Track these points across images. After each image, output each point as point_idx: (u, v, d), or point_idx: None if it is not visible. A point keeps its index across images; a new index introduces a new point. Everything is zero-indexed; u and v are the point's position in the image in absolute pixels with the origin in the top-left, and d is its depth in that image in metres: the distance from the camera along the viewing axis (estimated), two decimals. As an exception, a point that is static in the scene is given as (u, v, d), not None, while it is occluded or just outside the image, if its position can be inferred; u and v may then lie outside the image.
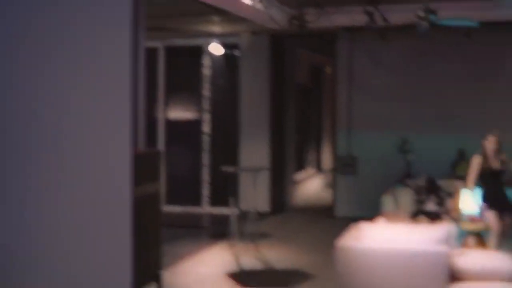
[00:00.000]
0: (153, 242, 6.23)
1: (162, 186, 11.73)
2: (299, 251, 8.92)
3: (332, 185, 12.01)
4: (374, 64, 11.38)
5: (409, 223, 8.22)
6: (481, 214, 7.84)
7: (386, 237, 5.89)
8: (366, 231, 6.04)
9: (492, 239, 7.60)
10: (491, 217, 7.61)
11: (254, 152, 11.75)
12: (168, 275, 7.28)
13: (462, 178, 10.35)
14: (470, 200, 9.24)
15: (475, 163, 7.67)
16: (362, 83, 11.44)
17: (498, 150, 7.65)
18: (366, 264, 5.74)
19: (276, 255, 8.54)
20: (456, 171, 10.75)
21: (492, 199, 7.64)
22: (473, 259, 5.82)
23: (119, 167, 3.26)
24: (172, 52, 12.45)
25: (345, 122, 11.57)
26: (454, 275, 5.72)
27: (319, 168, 16.54)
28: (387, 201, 9.35)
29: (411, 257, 5.67)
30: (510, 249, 7.12)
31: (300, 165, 14.70)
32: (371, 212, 8.86)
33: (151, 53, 11.81)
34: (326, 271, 6.89)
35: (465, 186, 9.48)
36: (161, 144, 12.36)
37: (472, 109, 10.81)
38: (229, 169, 8.85)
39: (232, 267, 7.95)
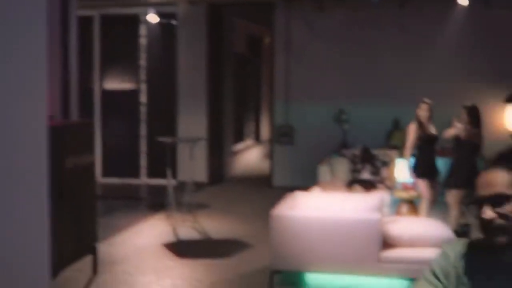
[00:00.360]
0: (88, 214, 6.15)
1: (98, 158, 11.65)
2: (237, 221, 8.97)
3: (270, 155, 12.07)
4: (311, 34, 11.42)
5: (344, 192, 8.37)
6: (414, 182, 8.02)
7: (320, 206, 5.97)
8: (301, 200, 6.11)
9: (423, 206, 7.79)
10: (423, 185, 7.79)
11: (192, 122, 11.70)
12: (105, 247, 7.22)
13: (397, 147, 10.58)
14: (404, 169, 9.44)
15: (411, 130, 7.81)
16: (299, 53, 11.47)
17: (431, 117, 7.81)
18: (301, 232, 5.81)
19: (213, 226, 8.56)
20: (391, 140, 10.95)
21: (424, 167, 7.80)
22: (405, 226, 5.97)
23: (34, 138, 3.16)
24: (108, 21, 12.21)
25: (283, 93, 11.60)
26: (387, 242, 5.85)
27: (258, 138, 16.60)
28: (323, 171, 9.49)
29: (344, 225, 5.77)
30: (439, 215, 7.33)
31: (239, 136, 14.72)
32: (308, 182, 9.00)
33: (86, 22, 11.56)
34: (263, 240, 6.95)
35: (402, 154, 9.68)
36: (97, 115, 12.16)
37: (407, 78, 10.97)
38: (166, 139, 8.76)
39: (169, 238, 7.93)
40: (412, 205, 8.62)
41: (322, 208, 5.92)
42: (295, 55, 11.50)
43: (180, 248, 7.47)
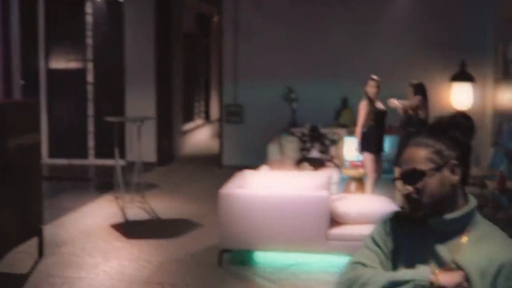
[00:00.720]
0: (34, 195, 6.03)
1: (45, 138, 11.43)
2: (186, 201, 8.93)
3: (220, 134, 12.04)
4: (259, 12, 11.38)
5: (293, 170, 8.42)
6: (362, 160, 8.12)
7: (268, 184, 5.99)
8: (250, 179, 6.12)
9: (368, 183, 7.89)
10: (369, 160, 7.88)
11: (141, 101, 11.57)
12: (52, 229, 7.10)
13: (346, 126, 10.69)
14: (352, 147, 9.54)
15: (362, 107, 7.87)
16: (248, 31, 11.42)
17: (379, 94, 7.90)
18: (249, 210, 5.83)
19: (162, 206, 8.51)
20: (340, 119, 11.04)
21: (371, 142, 7.88)
22: (352, 203, 6.03)
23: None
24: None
25: (232, 71, 11.56)
26: (335, 219, 5.91)
27: (207, 118, 16.54)
28: (273, 149, 9.53)
29: (292, 202, 5.81)
30: (386, 192, 7.44)
31: (188, 115, 14.64)
32: (257, 161, 9.00)
33: (30, 1, 11.29)
34: (213, 219, 6.94)
35: (352, 132, 9.79)
36: (43, 95, 11.91)
37: (356, 56, 11.05)
38: (114, 119, 8.62)
39: (117, 219, 7.85)
40: (361, 183, 8.73)
41: (270, 186, 5.94)
42: (243, 34, 11.45)
43: (129, 229, 7.41)
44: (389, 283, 2.08)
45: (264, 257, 6.17)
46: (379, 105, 7.94)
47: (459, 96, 10.69)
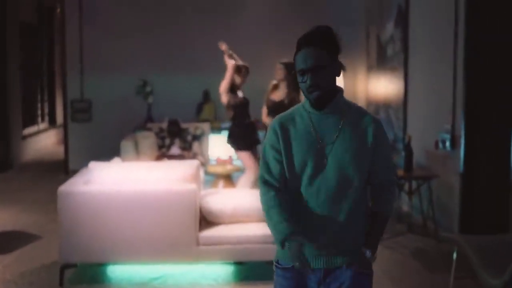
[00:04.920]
0: None
1: None
2: (23, 211, 7.48)
3: (65, 135, 10.51)
4: (110, 1, 10.08)
5: (149, 162, 7.18)
6: (237, 155, 7.09)
7: (121, 178, 4.75)
8: (97, 173, 4.85)
9: (247, 180, 6.84)
10: (246, 157, 6.85)
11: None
12: None
13: (208, 120, 9.62)
14: (219, 143, 8.54)
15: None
16: (94, 19, 10.03)
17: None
18: (97, 212, 4.58)
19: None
20: (202, 113, 9.98)
21: (244, 137, 6.88)
22: (227, 198, 4.94)
23: None
24: None
25: (77, 64, 10.11)
26: (207, 219, 4.80)
27: (53, 121, 14.82)
28: (127, 148, 8.17)
29: (152, 200, 4.61)
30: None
31: (30, 119, 12.92)
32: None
33: None
34: (53, 229, 5.58)
35: (214, 127, 8.81)
36: None
37: (216, 45, 10.05)
38: None
39: None
40: (229, 181, 7.72)
41: (123, 181, 4.70)
42: (89, 22, 10.05)
43: None
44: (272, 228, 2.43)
45: (119, 272, 4.93)
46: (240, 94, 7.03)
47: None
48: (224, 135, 7.75)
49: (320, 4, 10.10)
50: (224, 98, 6.91)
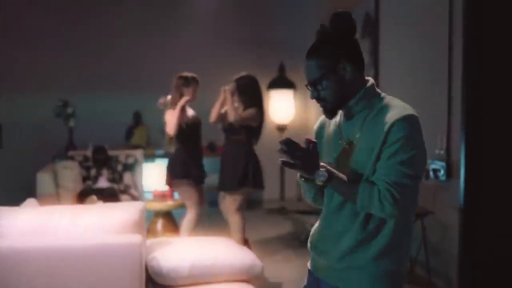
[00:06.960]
0: None
1: None
2: None
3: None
4: (25, 3, 8.74)
5: (75, 205, 5.86)
6: (175, 188, 5.83)
7: (38, 228, 3.45)
8: (6, 221, 3.53)
9: (190, 219, 5.59)
10: (191, 191, 5.61)
11: None
12: None
13: (140, 146, 8.40)
14: (154, 172, 7.35)
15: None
16: (6, 30, 8.65)
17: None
18: (5, 275, 3.26)
19: None
20: (133, 138, 8.74)
21: (188, 165, 5.64)
22: (180, 252, 3.71)
23: None
24: None
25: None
26: (155, 281, 3.57)
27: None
28: (44, 180, 6.79)
29: (81, 258, 3.35)
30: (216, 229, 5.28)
31: None
32: (21, 197, 6.25)
33: None
34: None
35: (149, 153, 7.58)
36: None
37: (152, 63, 8.85)
38: None
39: None
40: (170, 219, 6.49)
41: (40, 233, 3.40)
42: (1, 33, 8.66)
43: None
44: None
45: None
46: (190, 114, 5.81)
47: (278, 106, 8.93)
48: (161, 163, 6.51)
49: (269, 14, 9.19)
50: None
